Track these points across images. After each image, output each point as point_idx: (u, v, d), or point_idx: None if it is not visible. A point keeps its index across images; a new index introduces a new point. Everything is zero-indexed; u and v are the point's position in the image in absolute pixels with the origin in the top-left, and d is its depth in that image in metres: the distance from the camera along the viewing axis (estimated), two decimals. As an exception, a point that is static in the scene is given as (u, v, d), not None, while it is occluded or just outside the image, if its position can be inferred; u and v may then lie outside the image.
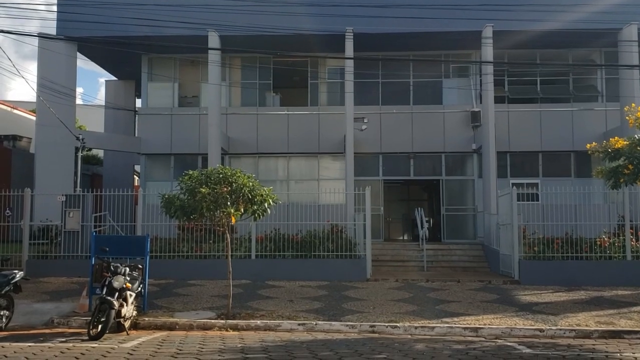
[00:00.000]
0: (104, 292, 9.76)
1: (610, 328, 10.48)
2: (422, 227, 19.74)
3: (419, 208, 20.94)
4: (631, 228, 15.78)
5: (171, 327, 10.65)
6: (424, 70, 23.66)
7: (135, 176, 29.24)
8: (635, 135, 11.71)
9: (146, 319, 10.94)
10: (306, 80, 23.96)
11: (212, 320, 10.90)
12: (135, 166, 27.48)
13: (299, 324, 10.65)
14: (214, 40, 21.10)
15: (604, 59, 23.19)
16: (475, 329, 10.39)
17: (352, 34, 20.69)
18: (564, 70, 23.35)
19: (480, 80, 22.02)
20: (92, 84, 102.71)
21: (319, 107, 23.70)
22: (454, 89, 23.60)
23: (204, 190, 10.62)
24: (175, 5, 20.93)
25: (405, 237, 26.33)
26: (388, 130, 23.01)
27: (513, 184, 18.14)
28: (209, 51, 21.00)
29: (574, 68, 23.31)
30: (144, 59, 23.93)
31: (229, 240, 11.78)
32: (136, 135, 25.50)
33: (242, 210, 10.98)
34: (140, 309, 11.37)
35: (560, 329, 10.40)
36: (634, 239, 15.74)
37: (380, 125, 22.99)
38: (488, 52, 20.50)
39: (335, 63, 23.45)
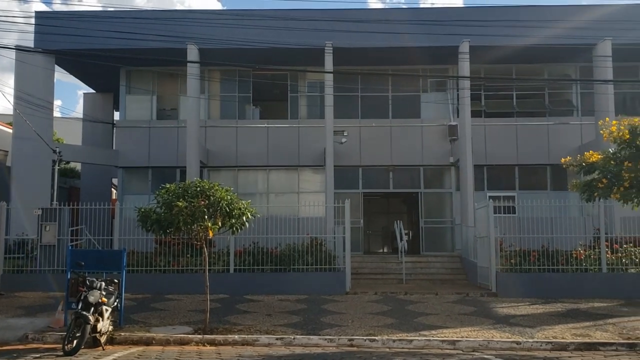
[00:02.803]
0: (79, 307, 9.65)
1: (586, 340, 10.56)
2: (401, 240, 19.81)
3: (398, 221, 21.03)
4: (606, 241, 16.00)
5: (148, 342, 10.54)
6: (402, 84, 23.85)
7: (113, 189, 28.99)
8: (609, 150, 11.92)
9: (122, 334, 10.81)
10: (286, 94, 24.02)
11: (189, 335, 10.80)
12: (113, 179, 27.26)
13: (277, 338, 10.60)
14: (193, 53, 21.10)
15: (579, 73, 23.57)
16: (453, 342, 10.42)
17: (331, 48, 20.84)
18: (540, 84, 23.70)
19: (458, 94, 22.27)
20: (71, 97, 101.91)
21: (299, 120, 23.76)
22: (432, 103, 23.81)
23: (180, 203, 10.56)
24: (154, 18, 20.88)
25: (385, 250, 26.39)
26: (368, 144, 23.14)
27: (490, 197, 18.28)
28: (188, 64, 20.98)
29: (550, 83, 23.66)
30: (122, 71, 23.82)
31: (206, 254, 11.72)
32: (114, 148, 25.31)
33: (219, 223, 10.93)
34: (117, 323, 11.24)
35: (537, 342, 10.47)
36: (609, 252, 15.96)
37: (360, 138, 23.10)
38: (465, 67, 20.77)
39: (315, 76, 23.56)
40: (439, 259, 20.78)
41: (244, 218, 11.23)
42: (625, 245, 16.20)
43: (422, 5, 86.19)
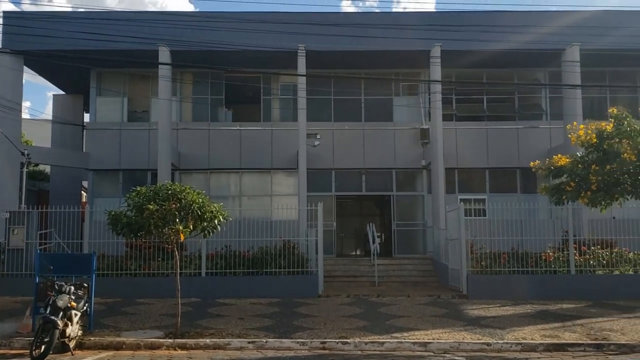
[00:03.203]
0: (47, 312, 9.50)
1: (555, 341, 10.72)
2: (373, 242, 19.90)
3: (371, 223, 21.12)
4: (575, 243, 16.27)
5: (118, 347, 10.41)
6: (375, 87, 23.98)
7: (83, 192, 28.60)
8: (577, 153, 12.12)
9: (92, 338, 10.67)
10: (259, 96, 23.97)
11: (160, 340, 10.70)
12: (83, 182, 26.90)
13: (249, 342, 10.56)
14: (164, 55, 20.93)
15: (548, 78, 23.98)
16: (425, 344, 10.49)
17: (304, 51, 20.86)
18: (510, 89, 24.03)
19: (429, 98, 22.46)
20: (40, 98, 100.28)
21: (272, 123, 23.72)
22: (404, 106, 23.98)
23: (151, 206, 10.47)
24: (125, 19, 20.69)
25: (358, 253, 26.47)
26: (340, 147, 23.20)
27: (461, 200, 18.49)
28: (160, 66, 20.81)
29: (520, 87, 24.01)
30: (92, 73, 23.53)
31: (177, 257, 11.63)
32: (84, 150, 24.99)
33: (191, 227, 10.85)
34: (86, 328, 11.09)
35: (507, 343, 10.59)
36: (577, 254, 16.23)
37: (333, 141, 23.16)
38: (436, 71, 20.96)
39: (288, 79, 23.55)
40: (411, 262, 20.93)
41: (216, 221, 11.18)
42: (593, 247, 16.49)
43: (394, 10, 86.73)
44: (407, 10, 77.70)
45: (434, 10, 44.52)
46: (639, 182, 11.02)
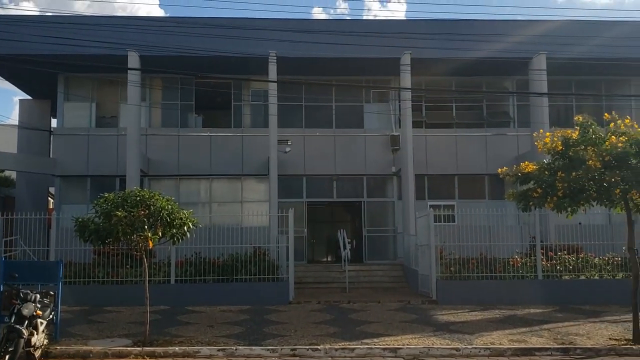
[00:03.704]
0: (12, 321, 9.27)
1: (523, 346, 10.84)
2: (344, 249, 19.93)
3: (342, 229, 21.16)
4: (542, 248, 16.53)
5: (85, 356, 10.24)
6: (346, 94, 24.08)
7: (50, 199, 28.12)
8: (544, 160, 12.28)
9: (58, 347, 10.47)
10: (229, 102, 23.88)
11: (128, 348, 10.56)
12: (50, 188, 26.44)
13: (218, 350, 10.47)
14: (133, 60, 20.75)
15: (515, 86, 24.36)
16: (395, 350, 10.53)
17: (275, 58, 20.86)
18: (479, 97, 24.36)
19: (400, 105, 22.62)
20: (6, 103, 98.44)
21: (243, 129, 23.65)
22: (374, 113, 24.13)
23: (119, 213, 10.35)
24: (94, 24, 20.43)
25: (329, 259, 26.48)
26: (312, 153, 23.24)
27: (431, 206, 18.65)
28: (129, 71, 20.61)
29: (488, 95, 24.35)
30: (60, 78, 23.20)
31: (146, 264, 11.49)
32: (51, 156, 24.58)
33: (160, 234, 10.75)
34: (52, 337, 10.87)
35: (476, 348, 10.69)
36: (544, 259, 16.48)
37: (304, 147, 23.18)
38: (406, 78, 21.14)
39: (259, 85, 23.54)
40: (381, 267, 21.01)
41: (185, 228, 11.10)
42: (559, 253, 16.76)
43: (365, 17, 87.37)
44: (378, 18, 78.30)
45: (405, 18, 44.92)
46: (603, 188, 11.19)
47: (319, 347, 10.63)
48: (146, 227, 10.54)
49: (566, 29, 21.45)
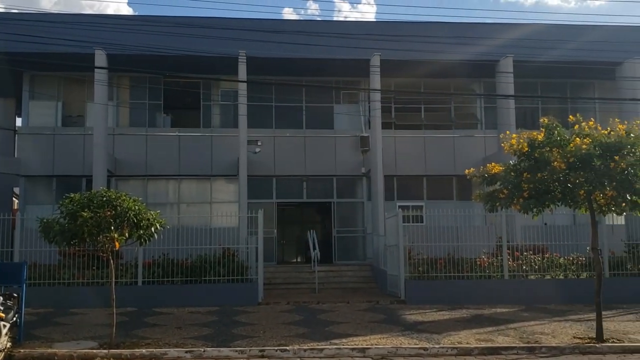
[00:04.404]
0: (-27, 324, 9.11)
1: (489, 345, 10.97)
2: (314, 249, 19.95)
3: (312, 230, 21.17)
4: (508, 248, 16.76)
5: (49, 359, 10.08)
6: (316, 95, 24.10)
7: (14, 199, 27.57)
8: (510, 162, 12.44)
9: (22, 350, 10.28)
10: (198, 102, 23.71)
11: (94, 350, 10.41)
12: (15, 189, 25.92)
13: (186, 352, 10.39)
14: (100, 59, 20.47)
15: (483, 88, 24.67)
16: (363, 350, 10.57)
17: (245, 57, 20.76)
18: (447, 99, 24.60)
19: (369, 106, 22.73)
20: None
21: (212, 129, 23.50)
22: (344, 114, 24.22)
23: (85, 214, 10.21)
24: (61, 21, 20.10)
25: (299, 260, 26.48)
26: (282, 154, 23.20)
27: (399, 207, 18.79)
28: (96, 70, 20.30)
29: (456, 97, 24.61)
30: (25, 76, 22.76)
31: (112, 266, 11.35)
32: (16, 155, 24.10)
33: (126, 235, 10.62)
34: (16, 340, 10.66)
35: (443, 347, 10.78)
36: (511, 259, 16.71)
37: (274, 148, 23.14)
38: (376, 80, 21.24)
39: (229, 85, 23.42)
40: (350, 268, 21.08)
41: (153, 229, 10.99)
42: (525, 253, 16.99)
43: (335, 18, 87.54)
44: (348, 19, 78.50)
45: (374, 20, 45.17)
46: (568, 189, 11.38)
47: (287, 347, 10.62)
48: (112, 228, 10.41)
49: (533, 33, 21.76)
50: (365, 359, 10.26)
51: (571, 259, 17.07)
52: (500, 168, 12.20)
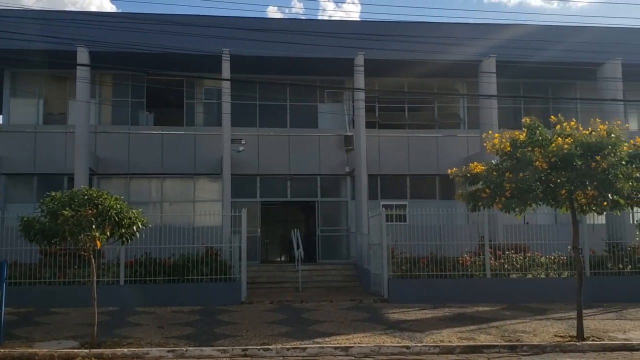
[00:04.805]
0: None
1: (471, 343, 11.04)
2: (297, 248, 19.94)
3: (296, 229, 21.15)
4: (490, 247, 16.88)
5: (29, 359, 9.99)
6: (300, 94, 24.07)
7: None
8: (492, 161, 12.52)
9: (2, 350, 10.18)
10: (182, 100, 23.59)
11: (75, 350, 10.33)
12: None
13: (168, 351, 10.33)
14: (83, 56, 20.27)
15: (466, 88, 24.79)
16: (346, 348, 10.58)
17: (228, 55, 20.67)
18: (430, 98, 24.71)
19: (353, 106, 22.75)
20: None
21: (195, 128, 23.39)
22: (328, 113, 24.22)
23: (66, 212, 10.14)
24: (42, 18, 19.90)
25: (282, 259, 26.46)
26: (266, 152, 23.14)
27: (383, 206, 18.80)
28: (78, 67, 20.12)
29: (439, 97, 24.72)
30: (6, 73, 22.50)
31: (94, 265, 11.27)
32: (-4, 153, 23.80)
33: (108, 233, 10.57)
34: (-5, 340, 10.58)
35: (426, 346, 10.83)
36: (493, 258, 16.83)
37: (258, 147, 23.07)
38: (360, 79, 21.25)
39: (212, 83, 23.31)
40: (334, 267, 21.09)
41: (134, 228, 10.95)
42: (507, 252, 17.10)
43: (320, 17, 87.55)
44: (332, 18, 78.57)
45: (358, 19, 45.21)
46: (549, 189, 11.48)
47: (270, 347, 10.60)
48: (94, 226, 10.35)
49: (515, 33, 21.90)
50: (348, 357, 10.28)
51: (552, 258, 17.21)
52: (483, 167, 12.28)
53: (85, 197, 10.64)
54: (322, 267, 21.07)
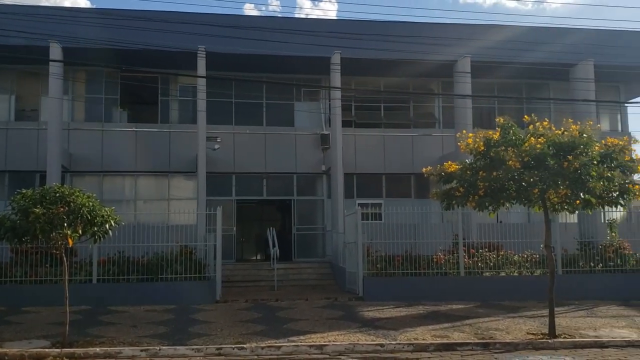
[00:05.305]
0: None
1: (445, 341, 11.13)
2: (273, 247, 19.89)
3: (271, 228, 21.10)
4: (464, 246, 17.02)
5: (-1, 359, 9.84)
6: (277, 92, 23.98)
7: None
8: (466, 160, 12.63)
9: (-30, 351, 10.01)
10: (156, 97, 23.35)
11: (47, 350, 10.19)
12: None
13: (141, 350, 10.24)
14: (56, 52, 19.97)
15: (441, 88, 24.95)
16: (321, 347, 10.60)
17: (204, 52, 20.52)
18: (405, 97, 24.82)
19: (329, 104, 22.76)
20: None
21: (170, 125, 23.18)
22: (305, 112, 24.19)
23: (37, 210, 10.00)
24: (14, 13, 19.53)
25: (258, 257, 26.38)
26: (241, 151, 23.03)
27: (359, 204, 18.85)
28: (51, 63, 19.81)
29: (414, 96, 24.86)
30: (-23, 68, 22.10)
31: (66, 263, 11.12)
32: (-34, 150, 23.35)
33: (80, 231, 10.45)
34: (-36, 340, 10.38)
35: (400, 344, 10.89)
36: (466, 256, 16.97)
37: (234, 145, 22.95)
38: (336, 78, 21.26)
39: (188, 80, 23.11)
40: (310, 265, 21.10)
41: (107, 226, 10.84)
42: (481, 250, 17.26)
43: (297, 16, 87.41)
44: (309, 16, 78.46)
45: (335, 18, 45.18)
46: (522, 188, 11.62)
47: (245, 345, 10.57)
48: (66, 224, 10.23)
49: (490, 34, 22.12)
50: (323, 355, 10.29)
51: (525, 256, 17.40)
52: (457, 167, 12.39)
53: (57, 194, 10.50)
54: (298, 266, 21.06)
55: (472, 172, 11.99)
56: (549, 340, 11.23)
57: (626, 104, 26.33)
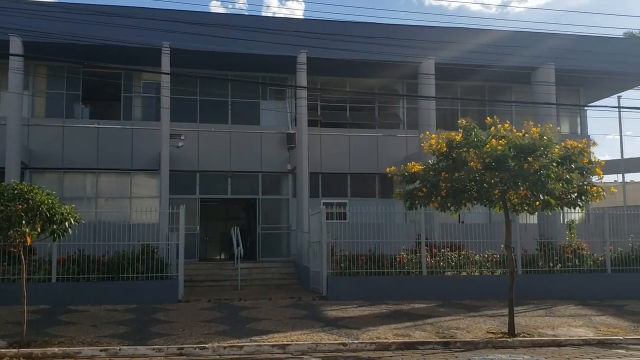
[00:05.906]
0: None
1: (407, 340, 11.25)
2: (237, 246, 19.79)
3: (236, 227, 20.97)
4: (427, 245, 17.19)
5: (-48, 360, 9.58)
6: (242, 90, 23.82)
7: None
8: (429, 161, 12.78)
9: None
10: (119, 93, 23.00)
11: (3, 350, 9.98)
12: None
13: (101, 350, 10.10)
14: (16, 46, 19.53)
15: (405, 89, 25.14)
16: (283, 346, 10.60)
17: (168, 49, 20.29)
18: (371, 98, 24.96)
19: (295, 103, 22.74)
20: None
21: (133, 122, 22.84)
22: (271, 110, 24.12)
23: (-6, 207, 9.78)
24: (-28, 5, 19.04)
25: (222, 257, 26.21)
26: (206, 149, 22.84)
27: (324, 204, 18.89)
28: (10, 57, 19.38)
29: (379, 97, 25.01)
30: None
31: (24, 262, 10.89)
32: None
33: (38, 229, 10.27)
34: None
35: (362, 343, 10.96)
36: (429, 256, 17.16)
37: (198, 143, 22.74)
38: (302, 77, 21.27)
39: (151, 77, 22.82)
40: (274, 265, 21.06)
41: (67, 224, 10.68)
42: (443, 250, 17.47)
43: (263, 14, 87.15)
44: (275, 15, 78.31)
45: (302, 17, 45.18)
46: (484, 189, 11.80)
47: (207, 345, 10.52)
48: (24, 222, 10.05)
49: (454, 36, 22.41)
50: (286, 355, 10.30)
51: (486, 256, 17.67)
52: (420, 167, 12.53)
53: (15, 191, 10.31)
54: (262, 265, 21.01)
55: (435, 173, 12.14)
56: (509, 339, 11.43)
57: (586, 108, 26.95)
